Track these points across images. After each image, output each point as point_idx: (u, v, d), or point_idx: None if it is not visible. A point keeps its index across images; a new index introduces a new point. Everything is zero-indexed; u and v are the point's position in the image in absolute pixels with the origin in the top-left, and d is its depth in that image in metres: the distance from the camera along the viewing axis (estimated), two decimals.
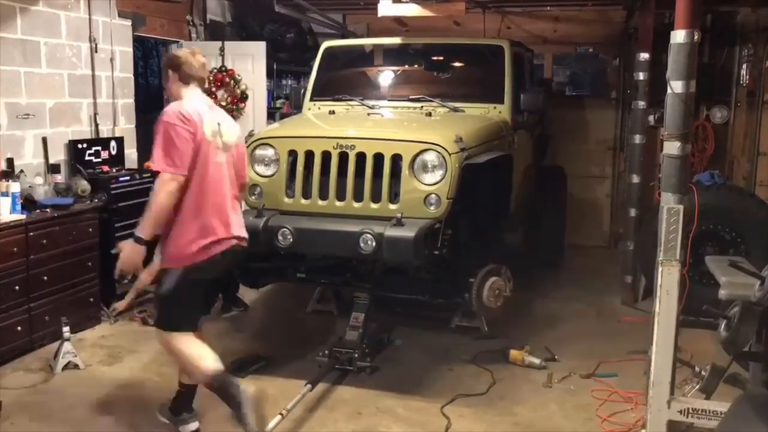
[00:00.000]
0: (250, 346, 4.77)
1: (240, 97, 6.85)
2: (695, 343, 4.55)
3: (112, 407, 3.88)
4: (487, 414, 3.90)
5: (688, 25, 3.06)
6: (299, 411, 3.83)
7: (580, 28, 7.71)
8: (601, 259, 7.37)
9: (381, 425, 3.77)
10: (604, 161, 7.97)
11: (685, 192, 3.19)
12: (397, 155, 4.08)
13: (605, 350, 4.78)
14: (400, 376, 4.35)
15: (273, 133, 4.53)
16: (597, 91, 8.25)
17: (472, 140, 4.33)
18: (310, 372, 4.17)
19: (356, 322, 4.44)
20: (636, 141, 5.90)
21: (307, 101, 5.64)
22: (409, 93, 5.44)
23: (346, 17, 8.11)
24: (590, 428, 3.78)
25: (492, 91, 5.36)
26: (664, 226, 3.12)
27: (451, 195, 4.02)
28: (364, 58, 6.25)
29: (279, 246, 4.06)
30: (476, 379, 4.36)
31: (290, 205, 4.24)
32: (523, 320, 5.39)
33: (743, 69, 6.93)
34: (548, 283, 6.36)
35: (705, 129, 6.98)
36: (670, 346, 3.13)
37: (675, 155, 3.15)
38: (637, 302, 5.86)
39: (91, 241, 5.03)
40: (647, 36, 5.76)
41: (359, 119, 5.04)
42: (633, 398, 4.01)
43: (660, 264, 3.11)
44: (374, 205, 4.10)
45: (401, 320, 5.19)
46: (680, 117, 3.12)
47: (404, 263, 4.01)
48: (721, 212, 5.27)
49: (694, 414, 3.11)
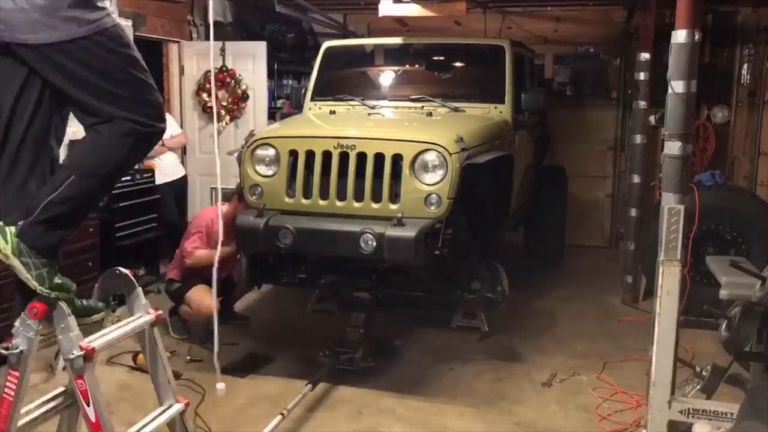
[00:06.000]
0: (250, 346, 4.77)
1: (241, 97, 6.85)
2: (696, 343, 4.55)
3: (112, 407, 3.87)
4: (487, 414, 3.90)
5: (688, 25, 3.06)
6: (300, 411, 3.84)
7: (581, 28, 7.71)
8: (602, 259, 7.37)
9: (381, 425, 3.77)
10: (605, 161, 7.96)
11: (685, 192, 3.19)
12: (398, 155, 4.07)
13: (605, 350, 4.78)
14: (400, 376, 4.35)
15: (274, 133, 4.53)
16: (598, 91, 8.24)
17: (472, 140, 4.32)
18: (310, 372, 4.17)
19: (356, 322, 4.44)
20: (637, 141, 5.90)
21: (308, 101, 5.64)
22: (410, 93, 5.43)
23: (346, 17, 8.10)
24: (591, 428, 3.78)
25: (493, 91, 5.36)
26: (665, 226, 3.11)
27: (451, 195, 4.01)
28: (364, 58, 6.24)
29: (279, 246, 4.06)
30: (477, 378, 4.36)
31: (291, 205, 4.23)
32: (523, 320, 5.39)
33: (744, 69, 6.93)
34: (548, 283, 6.36)
35: (706, 129, 6.97)
36: (670, 346, 3.12)
37: (676, 155, 3.15)
38: (638, 302, 5.85)
39: (91, 241, 5.03)
40: (648, 36, 5.76)
41: (360, 119, 5.04)
42: (633, 398, 4.02)
43: (661, 264, 3.11)
44: (375, 205, 4.10)
45: (401, 320, 5.20)
46: (681, 117, 3.12)
47: (405, 263, 4.01)
48: (721, 212, 5.27)
49: (694, 414, 3.11)
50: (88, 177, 2.07)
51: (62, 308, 2.04)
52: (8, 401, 2.04)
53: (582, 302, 5.91)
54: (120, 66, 2.06)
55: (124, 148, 2.10)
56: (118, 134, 2.07)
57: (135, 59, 2.11)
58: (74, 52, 1.98)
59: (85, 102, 2.05)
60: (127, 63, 2.08)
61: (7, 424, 2.04)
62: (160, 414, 2.32)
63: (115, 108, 2.05)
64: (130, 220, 5.63)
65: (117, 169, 2.17)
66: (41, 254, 2.03)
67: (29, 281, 2.00)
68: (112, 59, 2.04)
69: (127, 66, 2.08)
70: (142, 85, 2.12)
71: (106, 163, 2.10)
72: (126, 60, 2.08)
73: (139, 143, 2.13)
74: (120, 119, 2.06)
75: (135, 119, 2.08)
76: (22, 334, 2.05)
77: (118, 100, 2.05)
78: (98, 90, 2.03)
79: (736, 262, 3.20)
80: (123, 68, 2.07)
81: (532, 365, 4.57)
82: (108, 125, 2.06)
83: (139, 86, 2.11)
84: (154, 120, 2.13)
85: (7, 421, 2.04)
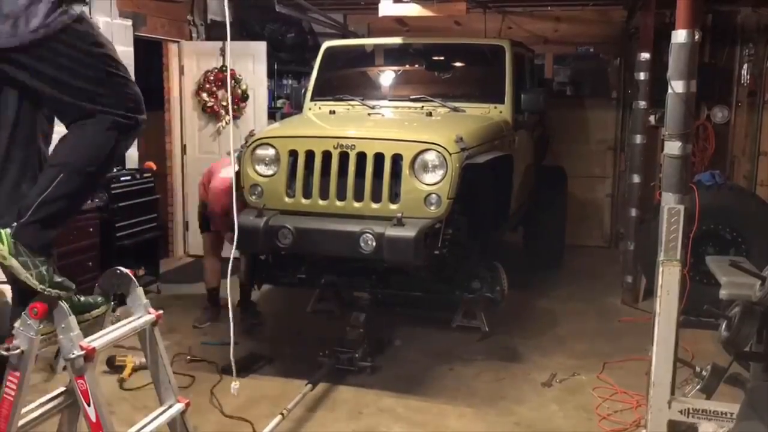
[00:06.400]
0: (250, 346, 4.77)
1: (241, 97, 6.84)
2: (696, 343, 4.55)
3: (112, 407, 3.87)
4: (487, 414, 3.90)
5: (688, 24, 3.06)
6: (300, 411, 3.84)
7: (581, 27, 7.71)
8: (602, 259, 7.37)
9: (381, 425, 3.77)
10: (605, 161, 7.96)
11: (685, 192, 3.19)
12: (398, 155, 4.08)
13: (605, 350, 4.78)
14: (400, 376, 4.35)
15: (274, 132, 4.53)
16: (598, 91, 8.24)
17: (472, 140, 4.33)
18: (310, 372, 4.17)
19: (356, 321, 4.44)
20: (637, 141, 5.90)
21: (308, 101, 5.64)
22: (410, 93, 5.44)
23: (346, 17, 8.10)
24: (590, 428, 3.78)
25: (493, 91, 5.36)
26: (665, 226, 3.11)
27: (451, 195, 4.01)
28: (364, 58, 6.24)
29: (279, 246, 4.06)
30: (477, 378, 4.36)
31: (291, 205, 4.23)
32: (524, 320, 5.39)
33: (744, 69, 6.92)
34: (548, 283, 6.36)
35: (706, 129, 6.96)
36: (670, 346, 3.12)
37: (676, 155, 3.15)
38: (638, 302, 5.86)
39: (91, 241, 5.03)
40: (648, 36, 5.76)
41: (360, 119, 5.04)
42: (633, 398, 4.02)
43: (661, 264, 3.11)
44: (375, 205, 4.10)
45: (401, 320, 5.20)
46: (681, 117, 3.12)
47: (404, 263, 4.01)
48: (721, 212, 5.27)
49: (694, 414, 3.11)
50: (77, 174, 2.08)
51: (63, 307, 2.04)
52: (9, 401, 2.04)
53: (582, 302, 5.91)
54: (95, 65, 2.07)
55: (110, 143, 2.12)
56: (103, 129, 2.10)
57: (109, 56, 2.13)
58: (43, 54, 2.00)
59: (65, 102, 2.06)
60: (102, 62, 2.10)
61: (7, 424, 2.04)
62: (161, 414, 2.32)
63: (95, 105, 2.07)
64: (130, 220, 5.63)
65: (103, 164, 2.19)
66: (38, 253, 2.04)
67: (29, 280, 2.00)
68: (86, 59, 2.06)
69: (102, 64, 2.09)
70: (120, 80, 2.14)
71: (94, 159, 2.12)
72: (101, 59, 2.10)
73: (122, 136, 2.15)
74: (102, 114, 2.08)
75: (117, 113, 2.10)
76: (23, 334, 2.05)
77: (98, 98, 2.08)
78: (76, 90, 2.05)
79: (736, 262, 3.19)
80: (99, 67, 2.08)
81: (532, 365, 4.57)
82: (91, 121, 2.09)
83: (117, 82, 2.13)
84: (135, 113, 2.16)
85: (7, 421, 2.03)
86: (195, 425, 3.30)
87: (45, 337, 2.09)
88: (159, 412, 2.33)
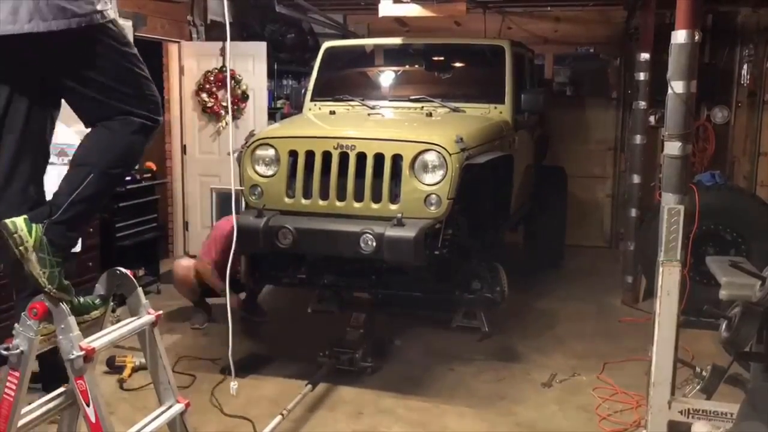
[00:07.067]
0: (250, 346, 4.77)
1: (241, 98, 6.84)
2: (696, 344, 4.55)
3: (112, 407, 3.88)
4: (487, 414, 3.90)
5: (688, 25, 3.06)
6: (300, 411, 3.83)
7: (581, 28, 7.71)
8: (602, 259, 7.37)
9: (381, 425, 3.77)
10: (605, 161, 7.96)
11: (685, 192, 3.19)
12: (398, 155, 4.08)
13: (605, 350, 4.78)
14: (400, 376, 4.35)
15: (273, 133, 4.53)
16: (598, 92, 8.24)
17: (472, 140, 4.33)
18: (310, 372, 4.17)
19: (356, 322, 4.44)
20: (637, 141, 5.90)
21: (308, 101, 5.64)
22: (410, 93, 5.44)
23: (346, 17, 8.10)
24: (590, 428, 3.78)
25: (493, 92, 5.36)
26: (665, 227, 3.11)
27: (451, 195, 4.01)
28: (364, 59, 6.24)
29: (279, 246, 4.06)
30: (477, 378, 4.36)
31: (291, 205, 4.23)
32: (524, 320, 5.39)
33: (744, 69, 6.92)
34: (548, 283, 6.36)
35: (706, 129, 6.96)
36: (670, 346, 3.12)
37: (676, 155, 3.15)
38: (638, 303, 5.85)
39: (91, 241, 5.03)
40: (648, 36, 5.76)
41: (360, 119, 5.04)
42: (633, 398, 4.01)
43: (661, 264, 3.11)
44: (375, 205, 4.10)
45: (401, 320, 5.19)
46: (681, 117, 3.12)
47: (404, 263, 4.01)
48: (721, 212, 5.27)
49: (694, 414, 3.11)
50: (106, 175, 2.10)
51: (63, 308, 2.05)
52: (8, 401, 2.04)
53: (582, 302, 5.91)
54: (125, 65, 2.08)
55: (139, 144, 2.15)
56: (129, 131, 2.11)
57: (137, 57, 2.15)
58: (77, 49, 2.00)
59: (94, 99, 2.07)
60: (131, 62, 2.11)
61: (7, 424, 2.04)
62: (161, 414, 2.32)
63: (123, 105, 2.08)
64: (130, 221, 5.64)
65: (128, 165, 2.22)
66: (59, 253, 2.05)
67: (41, 278, 2.00)
68: (118, 60, 2.06)
69: (131, 65, 2.10)
70: (145, 81, 2.16)
71: (121, 160, 2.14)
72: (131, 59, 2.11)
73: (145, 138, 2.17)
74: (129, 115, 2.09)
75: (142, 114, 2.11)
76: (23, 335, 2.05)
77: (125, 98, 2.08)
78: (106, 88, 2.05)
79: (736, 262, 3.19)
80: (128, 68, 2.09)
81: (532, 365, 4.57)
82: (118, 122, 2.09)
83: (143, 83, 2.14)
84: (156, 114, 2.18)
85: (7, 421, 2.04)
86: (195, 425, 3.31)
87: (45, 337, 2.09)
88: (159, 413, 2.33)
